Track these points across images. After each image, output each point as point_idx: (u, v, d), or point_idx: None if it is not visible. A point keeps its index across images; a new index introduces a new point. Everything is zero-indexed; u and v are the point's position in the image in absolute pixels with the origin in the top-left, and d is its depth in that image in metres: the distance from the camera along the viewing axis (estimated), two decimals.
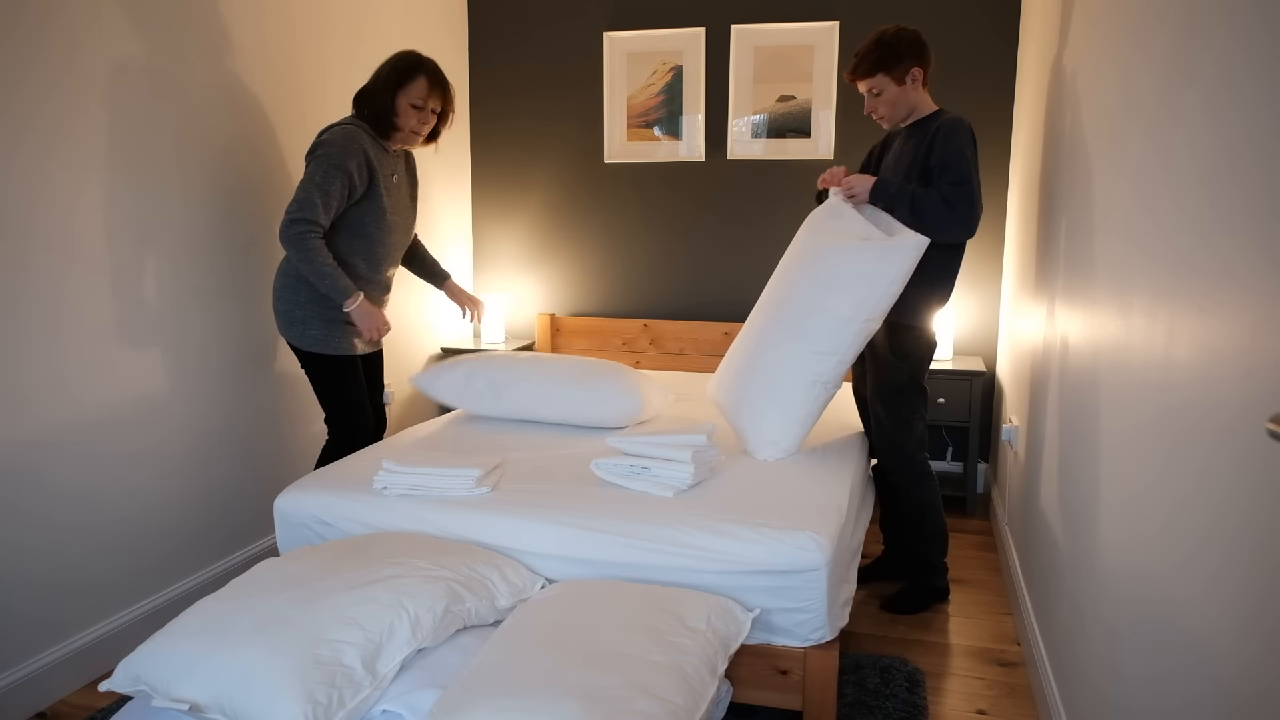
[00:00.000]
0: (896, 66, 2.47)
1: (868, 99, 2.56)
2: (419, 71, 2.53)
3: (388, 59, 2.55)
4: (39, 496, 2.15)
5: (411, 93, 2.52)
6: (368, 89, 2.54)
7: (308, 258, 2.39)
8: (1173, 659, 1.19)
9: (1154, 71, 1.43)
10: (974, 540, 3.27)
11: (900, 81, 2.49)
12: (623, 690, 1.49)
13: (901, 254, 2.32)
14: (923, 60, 2.51)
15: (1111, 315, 1.62)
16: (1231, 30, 1.08)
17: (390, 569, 1.79)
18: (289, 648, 1.55)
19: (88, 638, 2.28)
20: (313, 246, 2.39)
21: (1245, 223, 1.00)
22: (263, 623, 1.61)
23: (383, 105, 2.51)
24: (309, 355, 2.57)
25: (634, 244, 4.05)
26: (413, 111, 2.54)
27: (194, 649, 1.58)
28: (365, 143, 2.48)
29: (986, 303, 3.68)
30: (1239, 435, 0.98)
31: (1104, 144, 1.77)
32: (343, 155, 2.42)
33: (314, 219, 2.39)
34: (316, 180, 2.40)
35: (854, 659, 2.33)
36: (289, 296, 2.52)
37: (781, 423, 2.45)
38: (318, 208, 2.39)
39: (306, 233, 2.39)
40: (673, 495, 2.16)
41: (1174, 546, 1.20)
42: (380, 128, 2.54)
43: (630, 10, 3.90)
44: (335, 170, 2.41)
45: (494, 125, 4.16)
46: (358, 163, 2.45)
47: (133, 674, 1.60)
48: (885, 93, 2.51)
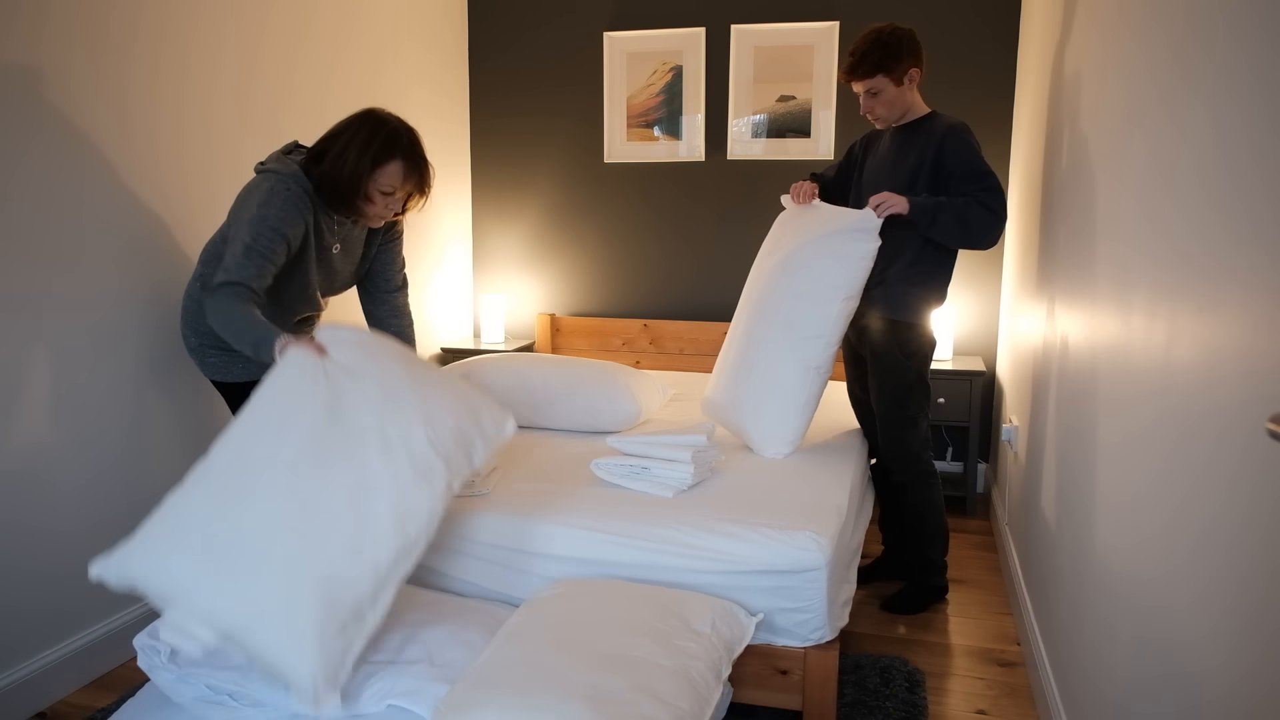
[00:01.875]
0: (896, 67, 2.45)
1: (864, 99, 2.53)
2: (393, 153, 2.08)
3: (357, 119, 2.10)
4: (39, 497, 2.15)
5: (381, 178, 2.09)
6: (330, 157, 2.08)
7: (229, 309, 1.97)
8: (1172, 658, 1.19)
9: (1154, 72, 1.43)
10: (974, 540, 3.27)
11: (899, 82, 2.48)
12: (630, 694, 1.49)
13: (868, 232, 2.40)
14: (919, 60, 2.50)
15: (1111, 315, 1.62)
16: (1231, 31, 1.08)
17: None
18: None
19: (88, 638, 2.28)
20: (233, 302, 1.98)
21: (1245, 222, 1.00)
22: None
23: (349, 186, 2.08)
24: (218, 384, 2.30)
25: (634, 244, 4.05)
26: (381, 198, 2.12)
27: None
28: (307, 213, 2.11)
29: (986, 303, 3.68)
30: (1239, 435, 0.98)
31: (1104, 144, 1.77)
32: (282, 222, 2.04)
33: (242, 282, 2.00)
34: (246, 242, 2.01)
35: (854, 659, 2.34)
36: (187, 321, 2.25)
37: (782, 415, 2.46)
38: (250, 273, 2.01)
39: (230, 295, 1.99)
40: (673, 495, 2.16)
41: (1174, 546, 1.20)
42: (332, 201, 2.13)
43: (630, 10, 3.90)
44: (274, 234, 2.03)
45: (494, 125, 4.16)
46: (297, 231, 2.09)
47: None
48: (884, 93, 2.49)
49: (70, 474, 2.23)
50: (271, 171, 2.11)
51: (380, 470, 1.68)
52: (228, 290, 2.00)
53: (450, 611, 1.88)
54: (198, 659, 1.63)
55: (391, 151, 2.08)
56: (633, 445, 2.26)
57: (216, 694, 1.64)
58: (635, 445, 2.26)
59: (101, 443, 2.31)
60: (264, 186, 2.07)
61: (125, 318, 2.36)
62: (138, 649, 1.69)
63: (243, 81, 2.73)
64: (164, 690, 1.69)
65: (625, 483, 2.23)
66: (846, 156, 2.79)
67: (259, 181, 2.10)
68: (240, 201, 2.12)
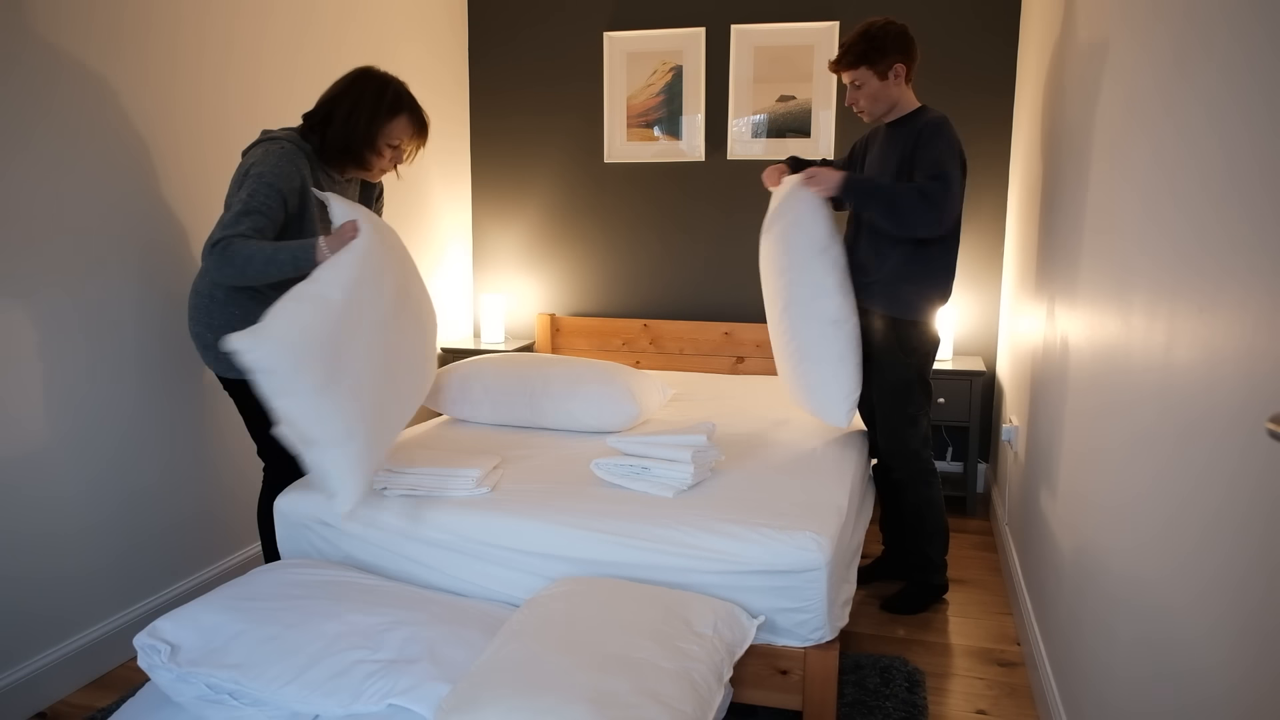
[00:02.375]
0: (879, 61, 2.46)
1: (850, 91, 2.55)
2: (400, 108, 2.23)
3: (358, 80, 2.23)
4: (38, 497, 2.15)
5: (392, 132, 2.24)
6: (339, 118, 2.20)
7: (245, 259, 2.03)
8: (1172, 658, 1.19)
9: (1154, 71, 1.43)
10: (974, 540, 3.27)
11: (883, 76, 2.48)
12: (633, 696, 1.49)
13: (801, 190, 2.52)
14: (907, 56, 2.49)
15: (1112, 315, 1.62)
16: (1231, 31, 1.08)
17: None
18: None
19: (88, 638, 2.28)
20: (238, 248, 2.03)
21: (1245, 222, 1.00)
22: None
23: (359, 139, 2.20)
24: (227, 381, 2.27)
25: (634, 244, 4.04)
26: (389, 151, 2.26)
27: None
28: (304, 168, 2.18)
29: (986, 302, 3.68)
30: (1239, 435, 0.98)
31: (1104, 144, 1.77)
32: (278, 177, 2.10)
33: (237, 234, 2.05)
34: (243, 199, 2.07)
35: (854, 659, 2.34)
36: (200, 319, 2.22)
37: (827, 381, 2.58)
38: (243, 224, 2.05)
39: (225, 245, 2.03)
40: (673, 495, 2.16)
41: (1174, 546, 1.20)
42: (341, 159, 2.24)
43: (630, 10, 3.90)
44: (269, 190, 2.09)
45: (494, 124, 4.16)
46: (294, 187, 2.14)
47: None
48: (866, 86, 2.50)
49: (70, 474, 2.23)
50: (263, 140, 2.20)
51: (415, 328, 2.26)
52: (221, 246, 2.03)
53: (450, 611, 1.88)
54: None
55: (399, 107, 2.24)
56: (633, 445, 2.26)
57: (216, 693, 1.64)
58: (635, 445, 2.26)
59: (101, 443, 2.31)
60: (256, 151, 2.16)
61: (126, 318, 2.36)
62: (138, 648, 1.69)
63: (244, 80, 2.73)
64: (164, 690, 1.69)
65: (625, 483, 2.23)
66: (849, 154, 2.81)
67: (254, 151, 2.18)
68: (239, 175, 2.17)
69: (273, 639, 1.71)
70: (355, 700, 1.58)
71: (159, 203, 2.45)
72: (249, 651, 1.68)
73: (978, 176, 3.58)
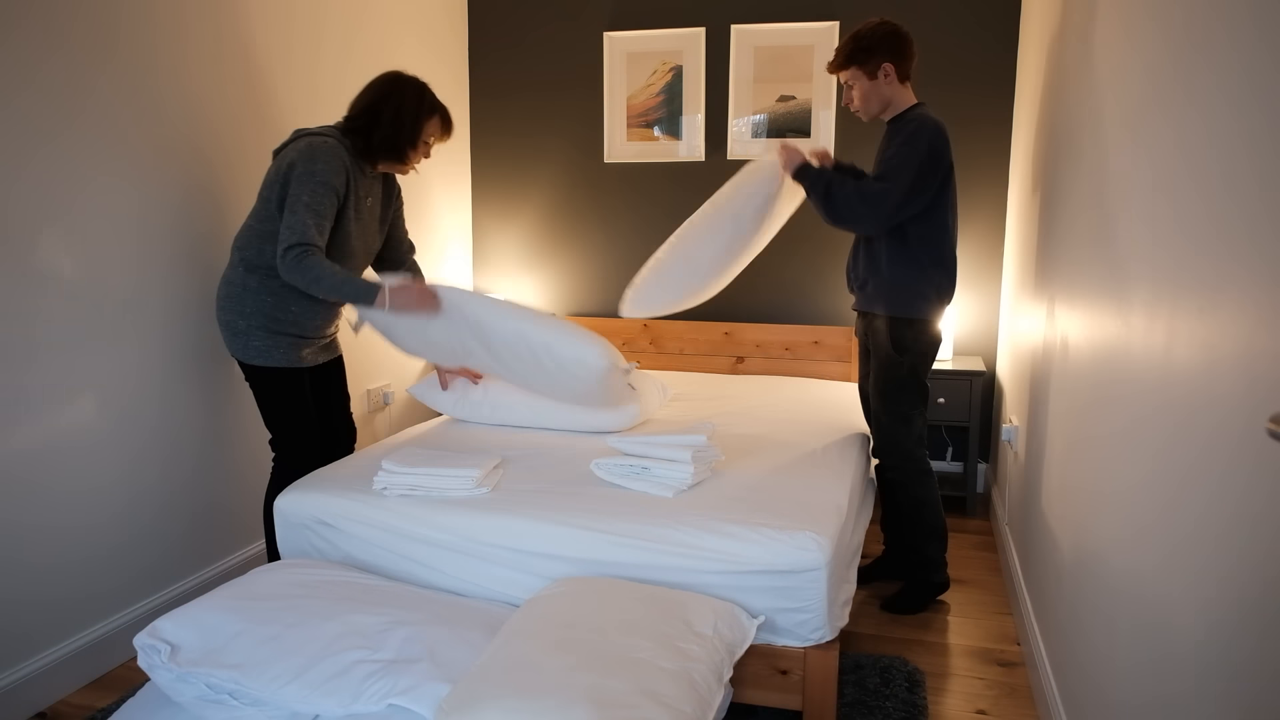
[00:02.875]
0: (868, 61, 2.50)
1: (845, 90, 2.61)
2: (435, 108, 2.44)
3: (395, 84, 2.40)
4: (38, 498, 2.15)
5: (426, 132, 2.44)
6: (385, 122, 2.37)
7: (315, 277, 2.23)
8: (1172, 660, 1.19)
9: (1152, 73, 1.43)
10: (974, 540, 3.27)
11: (872, 76, 2.51)
12: (633, 697, 1.49)
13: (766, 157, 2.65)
14: (897, 55, 2.50)
15: (1111, 315, 1.62)
16: (1229, 33, 1.08)
17: None
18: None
19: (88, 638, 2.28)
20: (315, 264, 2.23)
21: (1244, 223, 1.00)
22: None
23: (405, 138, 2.39)
24: (253, 369, 2.39)
25: (634, 244, 4.04)
26: (423, 147, 2.47)
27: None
28: (347, 162, 2.34)
29: (986, 302, 3.68)
30: (1239, 435, 0.98)
31: (1104, 143, 1.77)
32: (329, 173, 2.27)
33: (309, 241, 2.22)
34: (304, 200, 2.23)
35: (854, 659, 2.34)
36: (232, 307, 2.35)
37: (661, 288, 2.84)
38: (311, 229, 2.23)
39: (305, 254, 2.22)
40: (673, 495, 2.16)
41: (1174, 546, 1.20)
42: (378, 154, 2.41)
43: (630, 10, 3.90)
44: (325, 189, 2.26)
45: (494, 125, 4.16)
46: (341, 181, 2.31)
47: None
48: (857, 86, 2.55)
49: (70, 473, 2.23)
50: (305, 134, 2.34)
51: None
52: (299, 252, 2.22)
53: (450, 611, 1.88)
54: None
55: (433, 108, 2.44)
56: (633, 445, 2.27)
57: (216, 693, 1.64)
58: (635, 445, 2.26)
59: (101, 442, 2.31)
60: (301, 146, 2.30)
61: (127, 318, 2.36)
62: (138, 648, 1.69)
63: (245, 80, 2.73)
64: (164, 689, 1.69)
65: (625, 483, 2.23)
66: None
67: (296, 146, 2.31)
68: (278, 169, 2.30)
69: (273, 639, 1.71)
70: (355, 700, 1.58)
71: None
72: (249, 651, 1.68)
73: (978, 176, 3.58)
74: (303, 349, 2.43)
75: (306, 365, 2.46)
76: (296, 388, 2.43)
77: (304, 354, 2.44)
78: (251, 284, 2.34)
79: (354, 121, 2.39)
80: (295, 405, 2.44)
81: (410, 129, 2.39)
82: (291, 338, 2.40)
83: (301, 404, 2.45)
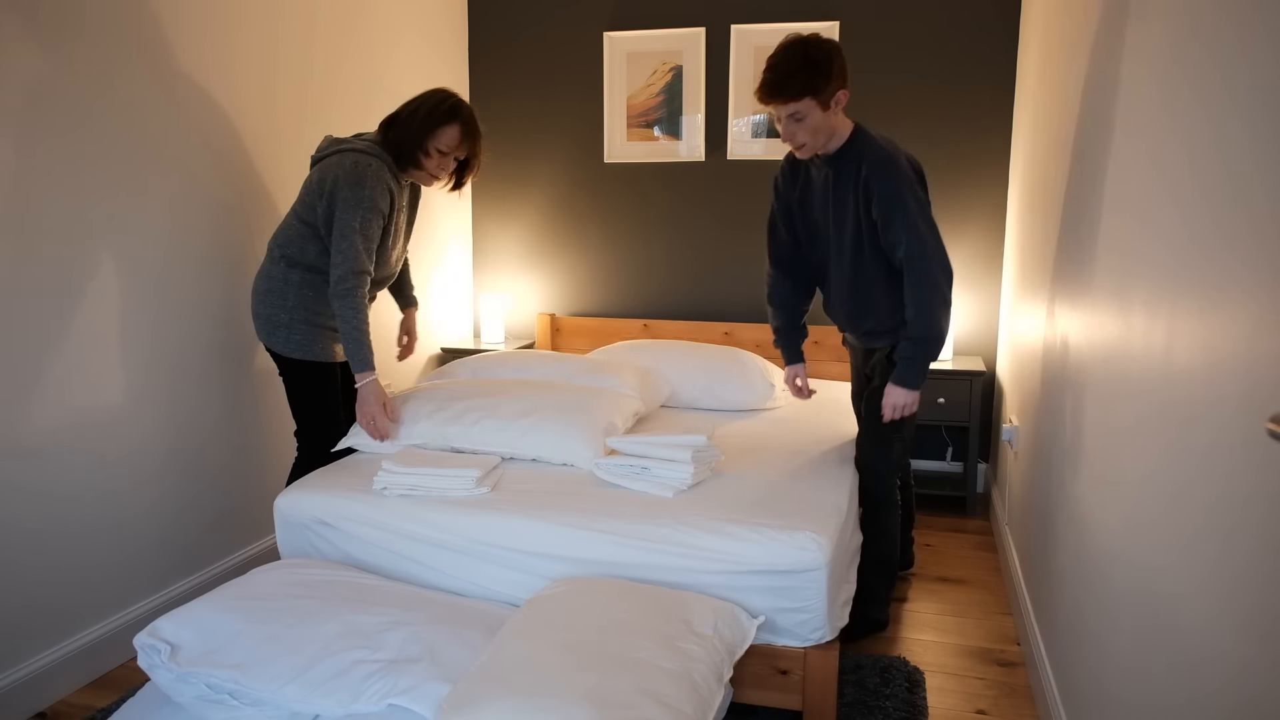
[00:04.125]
0: (824, 88, 2.15)
1: (785, 124, 2.20)
2: (455, 119, 2.45)
3: (427, 94, 2.48)
4: (38, 498, 2.15)
5: (441, 138, 2.44)
6: (400, 120, 2.45)
7: (353, 318, 2.33)
8: (1172, 660, 1.19)
9: (1156, 71, 1.43)
10: (974, 540, 3.27)
11: (825, 106, 2.17)
12: (634, 697, 1.49)
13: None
14: (846, 80, 2.21)
15: (1112, 315, 1.62)
16: (1234, 30, 1.08)
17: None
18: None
19: (88, 638, 2.28)
20: (359, 305, 2.34)
21: (1245, 222, 1.00)
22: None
23: (411, 142, 2.43)
24: (290, 361, 2.49)
25: (634, 244, 4.05)
26: (437, 156, 2.47)
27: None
28: (389, 181, 2.41)
29: (987, 302, 3.68)
30: (1239, 435, 0.98)
31: (1104, 143, 1.77)
32: (375, 196, 2.35)
33: (362, 269, 2.34)
34: (356, 226, 2.33)
35: (854, 659, 2.34)
36: (274, 301, 2.45)
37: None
38: (363, 256, 2.34)
39: (357, 286, 2.33)
40: (673, 495, 2.16)
41: (1174, 547, 1.20)
42: (400, 161, 2.46)
43: (630, 10, 3.90)
44: (373, 213, 2.35)
45: (494, 124, 4.16)
46: (386, 203, 2.40)
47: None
48: (809, 119, 2.17)
49: (70, 473, 2.22)
50: (352, 150, 2.39)
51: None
52: (355, 282, 2.33)
53: (450, 611, 1.88)
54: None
55: (453, 117, 2.45)
56: (633, 445, 2.26)
57: (216, 693, 1.64)
58: (635, 445, 2.26)
59: (102, 442, 2.31)
60: (347, 166, 2.35)
61: (130, 317, 2.36)
62: (138, 648, 1.69)
63: (248, 80, 2.73)
64: (164, 689, 1.69)
65: (625, 483, 2.23)
66: (775, 203, 2.52)
67: (339, 164, 2.36)
68: (321, 182, 2.37)
69: (273, 638, 1.71)
70: (355, 700, 1.58)
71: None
72: (249, 651, 1.68)
73: (978, 175, 3.58)
74: (337, 343, 2.53)
75: (340, 361, 2.55)
76: (329, 382, 2.54)
77: (338, 349, 2.53)
78: (294, 279, 2.44)
79: (385, 124, 2.47)
80: (326, 398, 2.54)
81: (418, 130, 2.41)
82: (330, 332, 2.50)
83: (332, 397, 2.55)
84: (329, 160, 2.40)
